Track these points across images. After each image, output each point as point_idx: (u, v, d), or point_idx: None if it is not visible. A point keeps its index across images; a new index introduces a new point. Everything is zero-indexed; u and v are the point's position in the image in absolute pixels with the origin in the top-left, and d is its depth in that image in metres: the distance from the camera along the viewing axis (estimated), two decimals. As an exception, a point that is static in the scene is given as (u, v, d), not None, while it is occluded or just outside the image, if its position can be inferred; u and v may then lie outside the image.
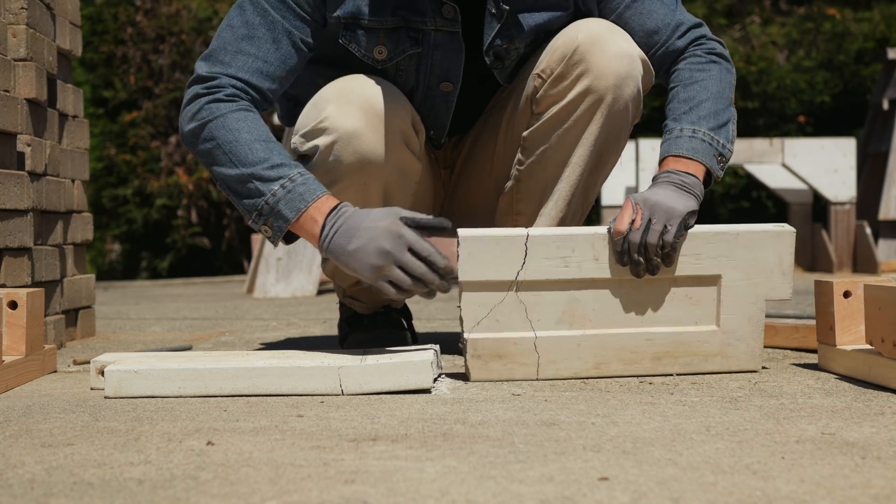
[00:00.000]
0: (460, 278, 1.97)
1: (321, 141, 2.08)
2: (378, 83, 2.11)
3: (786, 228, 2.02)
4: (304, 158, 2.12)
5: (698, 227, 2.01)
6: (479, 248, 1.97)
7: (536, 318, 1.99)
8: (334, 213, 1.97)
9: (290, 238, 2.06)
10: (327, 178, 2.09)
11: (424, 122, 2.25)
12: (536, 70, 2.20)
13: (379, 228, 1.93)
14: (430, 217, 1.96)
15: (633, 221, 1.96)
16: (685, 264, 2.01)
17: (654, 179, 2.08)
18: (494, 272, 1.97)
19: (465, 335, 1.99)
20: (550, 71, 2.18)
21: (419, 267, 1.92)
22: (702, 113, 2.10)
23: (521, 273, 1.97)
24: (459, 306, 1.99)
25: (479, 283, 1.97)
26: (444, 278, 1.93)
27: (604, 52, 2.13)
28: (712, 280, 2.02)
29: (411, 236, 1.93)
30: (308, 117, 2.11)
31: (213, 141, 2.03)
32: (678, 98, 2.14)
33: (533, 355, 2.00)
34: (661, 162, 2.09)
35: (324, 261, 2.34)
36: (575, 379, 2.02)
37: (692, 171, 2.05)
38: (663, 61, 2.21)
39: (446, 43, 2.16)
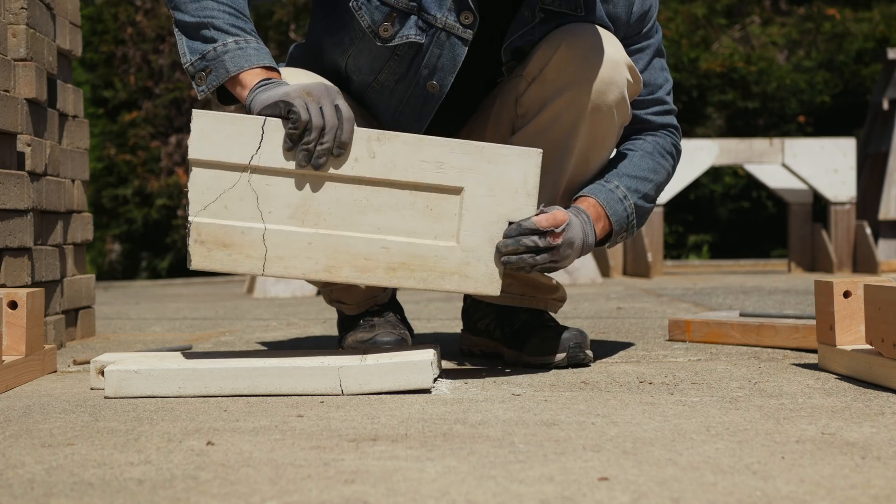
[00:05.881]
0: (190, 155, 1.89)
1: None
2: None
3: (532, 149, 1.99)
4: None
5: (443, 138, 1.97)
6: (213, 127, 1.89)
7: (268, 209, 1.91)
8: (275, 79, 1.98)
9: (223, 97, 2.03)
10: None
11: (399, 124, 2.21)
12: (522, 71, 2.19)
13: (315, 78, 2.06)
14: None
15: (550, 232, 1.97)
16: (427, 171, 1.94)
17: (572, 202, 2.16)
18: (227, 154, 1.89)
19: (190, 218, 1.89)
20: (533, 75, 2.17)
21: (331, 117, 1.90)
22: (642, 188, 2.21)
23: (255, 158, 1.90)
24: (186, 189, 1.91)
25: (210, 162, 1.89)
26: (337, 144, 1.90)
27: (587, 57, 2.12)
28: (454, 191, 1.95)
29: (341, 100, 1.93)
30: None
31: None
32: (630, 159, 2.24)
33: (260, 248, 1.91)
34: (580, 197, 2.16)
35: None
36: (304, 280, 1.98)
37: (598, 230, 2.14)
38: (633, 122, 2.27)
39: (451, 46, 2.14)
